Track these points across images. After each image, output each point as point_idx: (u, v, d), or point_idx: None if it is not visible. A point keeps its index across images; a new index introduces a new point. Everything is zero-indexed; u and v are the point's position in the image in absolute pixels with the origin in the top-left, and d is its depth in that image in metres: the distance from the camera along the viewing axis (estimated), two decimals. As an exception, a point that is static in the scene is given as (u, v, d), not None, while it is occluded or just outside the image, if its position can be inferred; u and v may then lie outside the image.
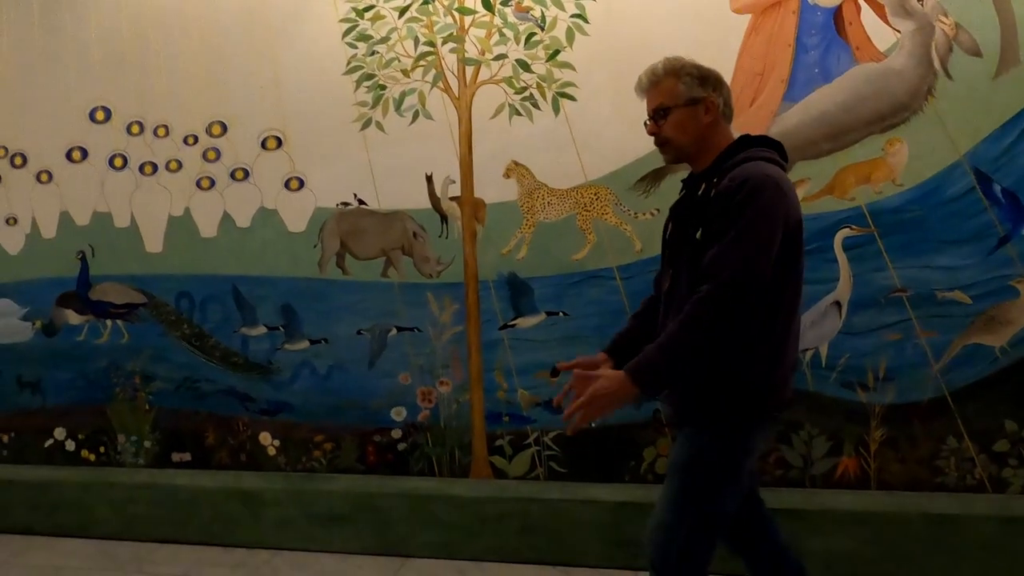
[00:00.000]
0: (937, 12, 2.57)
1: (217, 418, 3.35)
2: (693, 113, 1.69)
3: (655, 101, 1.72)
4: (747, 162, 1.63)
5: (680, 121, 1.68)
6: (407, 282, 3.11)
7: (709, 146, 1.70)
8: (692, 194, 1.72)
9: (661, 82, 1.71)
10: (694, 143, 1.70)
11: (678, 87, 1.69)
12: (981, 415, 2.60)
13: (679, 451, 1.69)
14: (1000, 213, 2.55)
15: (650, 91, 1.73)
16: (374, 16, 3.07)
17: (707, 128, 1.70)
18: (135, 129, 3.37)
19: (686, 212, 1.71)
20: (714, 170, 1.67)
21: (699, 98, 1.69)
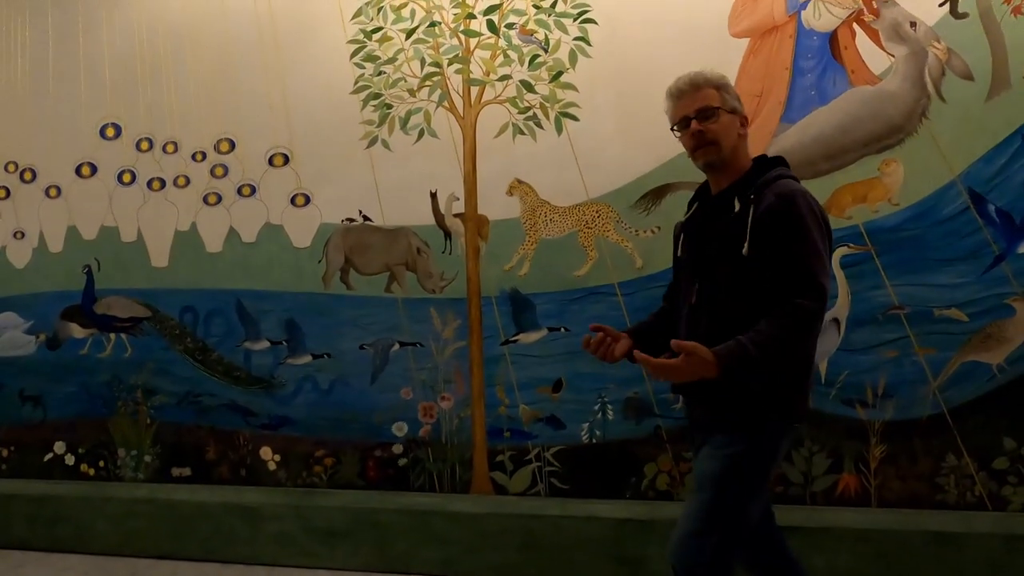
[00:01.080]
0: (930, 38, 2.65)
1: (218, 432, 3.36)
2: (734, 122, 1.75)
3: (700, 103, 1.73)
4: (780, 179, 1.70)
5: (727, 126, 1.73)
6: (410, 297, 3.14)
7: (736, 160, 1.76)
8: (721, 211, 1.73)
9: (704, 88, 1.75)
10: (731, 151, 1.74)
11: (722, 96, 1.75)
12: (980, 432, 2.62)
13: (711, 461, 1.70)
14: (995, 232, 2.60)
15: (692, 95, 1.75)
16: (382, 38, 3.14)
17: (740, 141, 1.77)
18: (144, 145, 3.43)
19: (719, 228, 1.72)
20: (746, 186, 1.71)
21: (738, 110, 1.78)
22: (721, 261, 1.69)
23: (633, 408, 2.91)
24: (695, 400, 1.80)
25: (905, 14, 2.66)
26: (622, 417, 2.92)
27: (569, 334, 2.97)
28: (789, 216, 1.63)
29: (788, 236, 1.62)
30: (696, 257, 1.78)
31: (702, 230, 1.78)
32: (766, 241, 1.63)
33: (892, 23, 2.68)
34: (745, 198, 1.68)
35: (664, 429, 2.88)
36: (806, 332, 1.62)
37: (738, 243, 1.65)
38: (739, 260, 1.65)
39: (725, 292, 1.68)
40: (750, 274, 1.64)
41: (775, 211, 1.63)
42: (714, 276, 1.70)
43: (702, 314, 1.71)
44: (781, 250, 1.62)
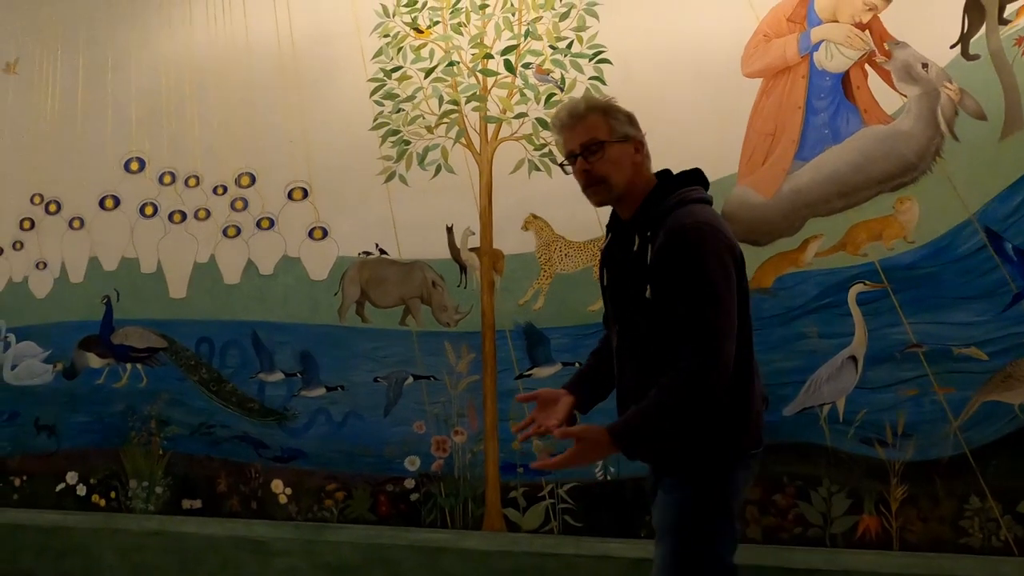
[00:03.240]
0: (942, 78, 2.68)
1: (230, 464, 3.35)
2: (626, 150, 1.63)
3: (583, 136, 1.61)
4: (677, 208, 1.58)
5: (616, 157, 1.60)
6: (425, 330, 3.15)
7: (636, 188, 1.65)
8: (625, 246, 1.65)
9: (587, 118, 1.63)
10: (628, 183, 1.63)
11: (609, 123, 1.63)
12: (1004, 474, 2.56)
13: (664, 511, 1.63)
14: (1012, 270, 2.59)
15: (574, 127, 1.64)
16: (401, 76, 3.22)
17: (637, 168, 1.65)
18: (167, 179, 3.51)
19: (626, 267, 1.64)
20: (643, 220, 1.60)
21: (630, 135, 1.65)
22: (631, 302, 1.61)
23: (648, 445, 2.87)
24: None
25: (916, 55, 2.70)
26: (637, 454, 2.88)
27: (583, 369, 2.96)
28: (679, 256, 1.51)
29: (677, 280, 1.51)
30: (612, 294, 1.70)
31: (614, 264, 1.70)
32: (662, 286, 1.52)
33: (904, 64, 2.72)
34: (643, 235, 1.57)
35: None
36: (698, 389, 1.49)
37: (642, 284, 1.56)
38: (645, 304, 1.56)
39: (643, 336, 1.60)
40: (658, 317, 1.55)
41: (666, 251, 1.52)
42: (629, 319, 1.63)
43: (626, 359, 1.65)
44: (673, 295, 1.52)
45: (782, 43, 2.84)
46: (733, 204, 2.85)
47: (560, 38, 3.05)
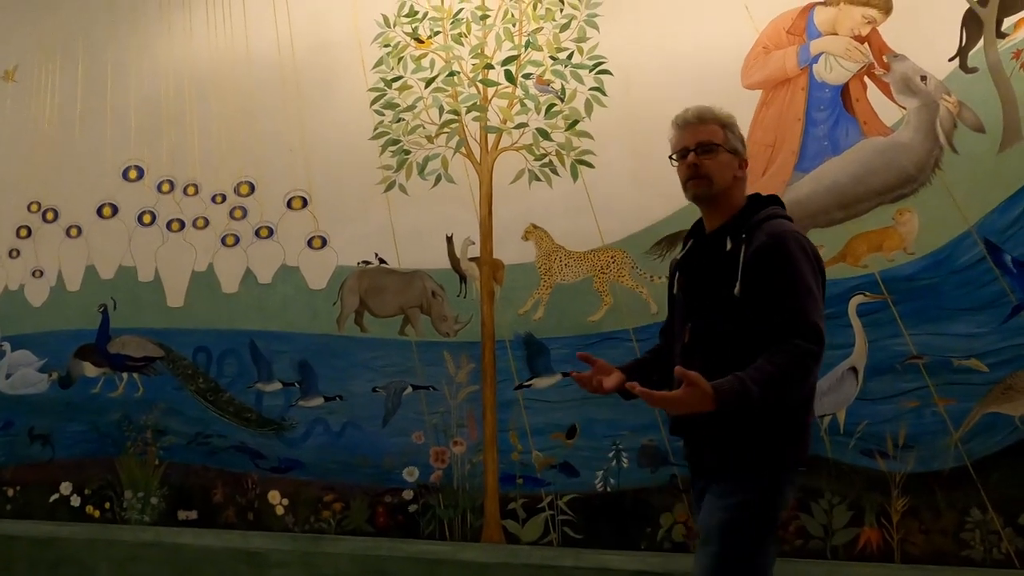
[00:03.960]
0: (940, 91, 2.69)
1: (227, 475, 3.32)
2: (732, 162, 1.76)
3: (703, 136, 1.75)
4: (772, 219, 1.70)
5: (723, 164, 1.74)
6: (424, 340, 3.14)
7: (730, 200, 1.76)
8: (714, 249, 1.74)
9: (710, 123, 1.77)
10: (725, 190, 1.75)
11: (726, 134, 1.77)
12: (1005, 486, 2.55)
13: (717, 512, 1.64)
14: (1012, 282, 2.59)
15: (697, 127, 1.78)
16: (402, 86, 3.22)
17: (736, 182, 1.77)
18: (166, 187, 3.50)
19: (712, 267, 1.73)
20: (739, 225, 1.71)
21: (739, 152, 1.79)
22: (713, 301, 1.68)
23: (648, 456, 2.87)
24: (697, 443, 1.75)
25: (915, 68, 2.71)
26: (637, 465, 2.88)
27: (583, 379, 2.95)
28: (780, 256, 1.62)
29: (780, 276, 1.61)
30: (689, 296, 1.77)
31: (695, 268, 1.78)
32: (757, 281, 1.61)
33: (903, 76, 2.73)
34: (737, 237, 1.68)
35: (680, 478, 2.82)
36: (804, 372, 1.58)
37: (730, 283, 1.64)
38: (731, 300, 1.63)
39: (717, 333, 1.66)
40: (742, 315, 1.62)
41: (766, 251, 1.63)
42: (707, 316, 1.69)
43: (695, 355, 1.69)
44: (773, 291, 1.61)
45: (782, 55, 2.86)
46: (733, 215, 2.85)
47: (561, 49, 3.06)
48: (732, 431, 1.62)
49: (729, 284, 1.64)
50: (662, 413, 2.84)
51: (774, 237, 1.64)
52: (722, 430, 1.61)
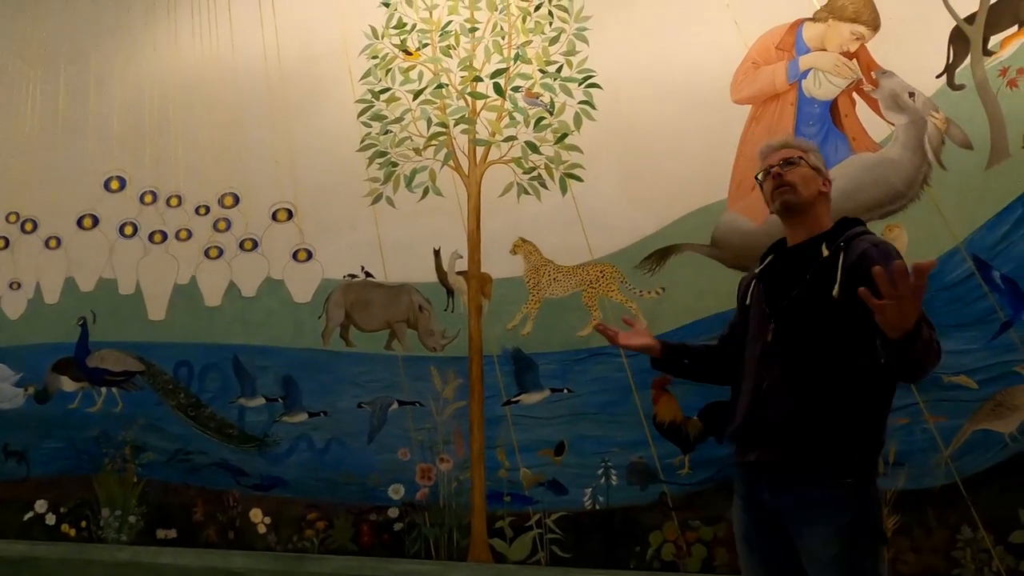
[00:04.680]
0: (928, 108, 2.70)
1: (207, 492, 3.24)
2: (816, 177, 1.84)
3: (787, 153, 1.85)
4: (867, 233, 1.79)
5: (807, 176, 1.82)
6: (411, 355, 3.09)
7: (817, 214, 1.83)
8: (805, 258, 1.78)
9: (792, 148, 1.88)
10: (808, 202, 1.81)
11: (809, 155, 1.87)
12: (995, 503, 2.54)
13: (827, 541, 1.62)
14: (1000, 299, 2.59)
15: (780, 149, 1.88)
16: (389, 98, 3.19)
17: (820, 197, 1.84)
18: (148, 198, 3.44)
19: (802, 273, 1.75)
20: (835, 236, 1.77)
21: (822, 171, 1.88)
22: (804, 303, 1.72)
23: (637, 473, 2.83)
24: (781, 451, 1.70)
25: (903, 84, 2.72)
26: (626, 482, 2.84)
27: (572, 395, 2.92)
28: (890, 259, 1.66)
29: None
30: (774, 300, 1.80)
31: (781, 277, 1.82)
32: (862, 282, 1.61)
33: (891, 93, 2.74)
34: (834, 246, 1.74)
35: (670, 496, 2.79)
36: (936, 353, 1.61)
37: (826, 287, 1.69)
38: (826, 303, 1.68)
39: (803, 333, 1.70)
40: (836, 316, 1.67)
41: (874, 254, 1.68)
42: (793, 317, 1.73)
43: (776, 354, 1.73)
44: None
45: (771, 70, 2.86)
46: (723, 230, 2.84)
47: (550, 62, 3.04)
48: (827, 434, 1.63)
49: (825, 288, 1.69)
50: (652, 429, 2.82)
51: (880, 245, 1.72)
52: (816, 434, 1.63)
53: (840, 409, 1.65)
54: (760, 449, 1.74)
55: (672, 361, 2.03)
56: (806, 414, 1.66)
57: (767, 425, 1.72)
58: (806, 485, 1.66)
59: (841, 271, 1.69)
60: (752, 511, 1.78)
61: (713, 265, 2.82)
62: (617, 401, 2.84)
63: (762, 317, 1.80)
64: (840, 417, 1.64)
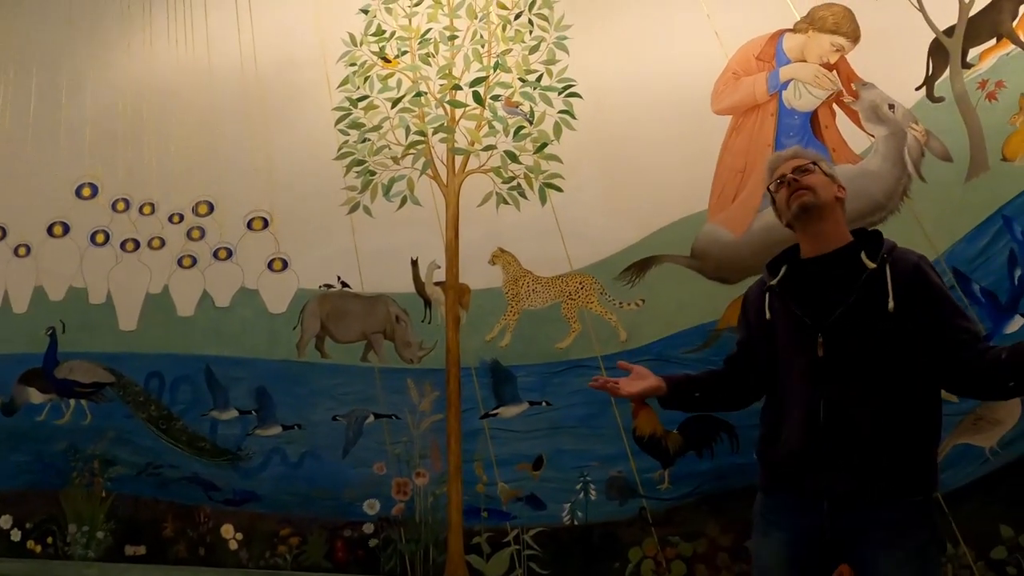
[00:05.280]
0: (908, 119, 2.69)
1: (178, 507, 3.16)
2: (831, 185, 1.83)
3: (799, 162, 1.85)
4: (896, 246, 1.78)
5: (822, 181, 1.81)
6: (387, 367, 3.04)
7: (837, 223, 1.80)
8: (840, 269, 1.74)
9: (803, 157, 1.88)
10: (828, 204, 1.79)
11: (820, 163, 1.87)
12: (976, 519, 2.52)
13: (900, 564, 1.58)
14: (981, 312, 2.57)
15: (791, 159, 1.88)
16: (367, 106, 3.15)
17: (838, 204, 1.82)
18: (120, 206, 3.37)
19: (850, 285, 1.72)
20: (874, 248, 1.75)
21: (835, 178, 1.87)
22: (857, 315, 1.68)
23: (617, 488, 2.78)
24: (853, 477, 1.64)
25: (883, 96, 2.71)
26: (605, 497, 2.79)
27: (551, 408, 2.87)
28: (936, 274, 1.75)
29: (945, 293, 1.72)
30: (817, 313, 1.74)
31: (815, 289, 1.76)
32: (921, 296, 1.67)
33: (871, 104, 2.73)
34: (878, 258, 1.72)
35: (649, 511, 2.75)
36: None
37: (878, 300, 1.67)
38: (880, 316, 1.66)
39: (858, 348, 1.67)
40: (892, 330, 1.66)
41: (924, 269, 1.71)
42: (847, 329, 1.68)
43: (830, 370, 1.68)
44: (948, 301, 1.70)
45: (751, 81, 2.84)
46: (703, 242, 2.81)
47: (530, 71, 3.01)
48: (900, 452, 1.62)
49: (875, 301, 1.68)
50: (631, 443, 2.78)
51: (925, 259, 1.75)
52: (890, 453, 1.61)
53: (908, 425, 1.63)
54: (831, 474, 1.65)
55: (682, 397, 1.96)
56: (879, 433, 1.61)
57: (837, 448, 1.64)
58: (879, 508, 1.62)
59: (892, 284, 1.67)
60: (803, 542, 1.69)
61: (693, 277, 2.79)
62: (596, 414, 2.80)
63: (801, 331, 1.74)
64: (909, 433, 1.63)
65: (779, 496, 1.75)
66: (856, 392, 1.64)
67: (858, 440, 1.62)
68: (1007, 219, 2.56)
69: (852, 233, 1.82)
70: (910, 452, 1.64)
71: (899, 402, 1.64)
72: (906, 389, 1.65)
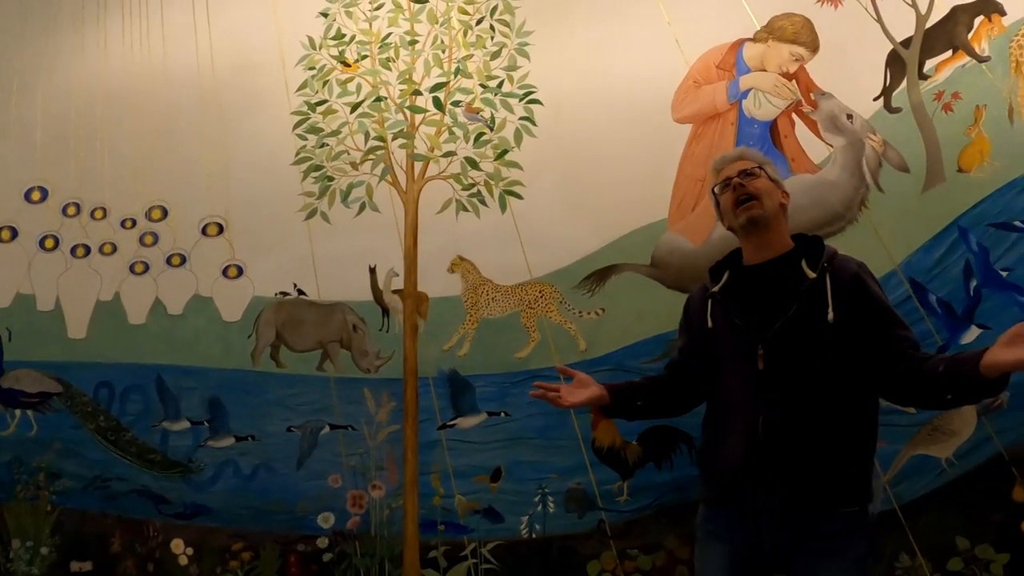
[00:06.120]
0: (866, 130, 2.69)
1: (126, 521, 3.07)
2: (776, 190, 1.78)
3: (745, 164, 1.79)
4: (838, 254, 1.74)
5: (768, 188, 1.76)
6: (343, 376, 2.98)
7: (780, 230, 1.76)
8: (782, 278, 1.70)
9: (748, 159, 1.82)
10: (774, 213, 1.75)
11: (765, 167, 1.81)
12: (933, 530, 2.51)
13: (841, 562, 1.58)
14: (937, 322, 2.57)
15: (737, 161, 1.82)
16: (326, 111, 3.10)
17: (782, 211, 1.78)
18: (71, 210, 3.28)
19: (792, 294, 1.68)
20: (815, 255, 1.71)
21: (780, 183, 1.82)
22: (797, 326, 1.65)
23: (575, 500, 2.75)
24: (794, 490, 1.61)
25: (841, 106, 2.72)
26: (564, 510, 2.75)
27: (510, 419, 2.83)
28: (876, 283, 1.71)
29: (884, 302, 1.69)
30: (757, 323, 1.70)
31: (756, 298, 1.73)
32: (861, 306, 1.64)
33: (829, 114, 2.73)
34: (817, 266, 1.68)
35: (608, 523, 2.71)
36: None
37: (818, 310, 1.64)
38: (819, 327, 1.63)
39: (799, 360, 1.64)
40: (830, 341, 1.63)
41: (863, 279, 1.67)
42: (787, 341, 1.65)
43: (771, 382, 1.65)
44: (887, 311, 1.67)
45: (711, 90, 2.83)
46: (663, 251, 2.79)
47: (491, 77, 2.99)
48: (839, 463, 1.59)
49: (814, 311, 1.64)
50: (590, 454, 2.74)
51: (864, 268, 1.70)
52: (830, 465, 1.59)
53: (846, 437, 1.62)
54: (770, 488, 1.62)
55: (624, 405, 1.89)
56: (817, 447, 1.59)
57: (775, 462, 1.61)
58: (818, 520, 1.59)
59: (832, 294, 1.64)
60: (742, 554, 1.66)
61: (653, 286, 2.78)
62: (555, 425, 2.77)
63: (742, 342, 1.71)
64: (846, 445, 1.61)
65: (720, 508, 1.72)
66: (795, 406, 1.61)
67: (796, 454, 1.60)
68: (963, 230, 2.56)
69: (793, 239, 1.78)
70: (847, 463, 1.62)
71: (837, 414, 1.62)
72: (844, 400, 1.63)
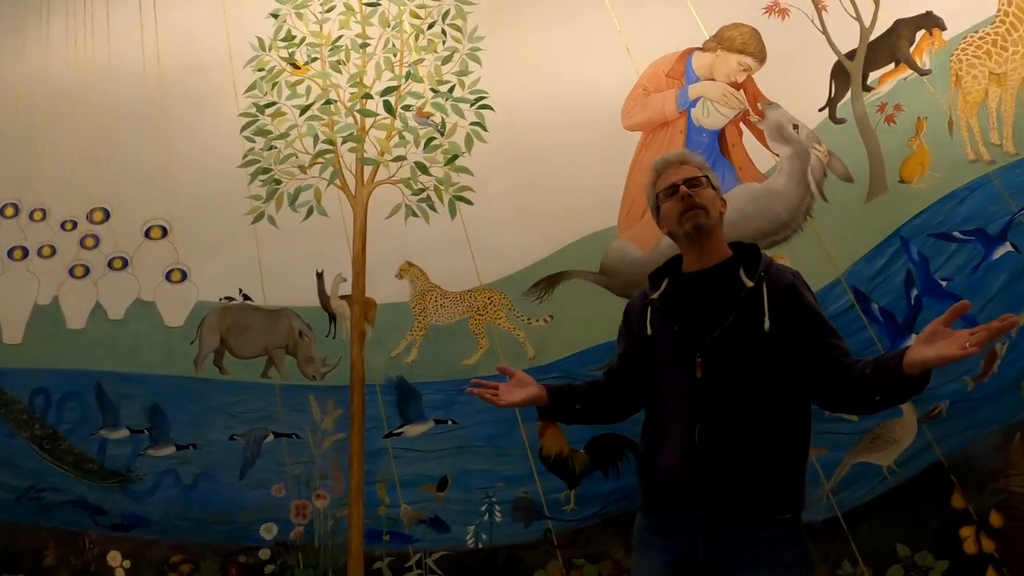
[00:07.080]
0: (812, 140, 2.72)
1: (61, 533, 2.96)
2: (717, 199, 1.78)
3: (691, 172, 1.77)
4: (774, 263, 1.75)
5: (711, 198, 1.76)
6: (288, 383, 2.92)
7: (719, 238, 1.76)
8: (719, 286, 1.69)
9: (691, 163, 1.80)
10: (716, 223, 1.75)
11: (708, 174, 1.79)
12: (874, 537, 2.53)
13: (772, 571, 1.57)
14: (879, 331, 2.60)
15: (681, 165, 1.79)
16: (275, 113, 3.05)
17: (721, 219, 1.78)
18: (9, 211, 3.18)
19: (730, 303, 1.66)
20: (752, 264, 1.71)
21: (720, 193, 1.81)
22: (734, 335, 1.64)
23: (522, 509, 2.72)
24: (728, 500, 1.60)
25: (788, 116, 2.74)
26: (510, 519, 2.72)
27: (457, 427, 2.79)
28: (809, 292, 1.72)
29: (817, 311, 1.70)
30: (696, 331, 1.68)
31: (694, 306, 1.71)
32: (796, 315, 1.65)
33: (776, 124, 2.75)
34: (755, 275, 1.68)
35: (555, 532, 2.68)
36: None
37: (755, 319, 1.64)
38: (756, 336, 1.63)
39: (736, 368, 1.63)
40: (767, 350, 1.63)
41: (798, 288, 1.68)
42: (724, 350, 1.64)
43: (708, 391, 1.64)
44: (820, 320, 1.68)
45: (661, 98, 2.84)
46: (612, 258, 2.79)
47: (442, 81, 2.96)
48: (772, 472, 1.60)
49: (751, 320, 1.64)
50: (538, 463, 2.72)
51: (797, 275, 1.71)
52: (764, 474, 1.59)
53: (780, 445, 1.62)
54: (705, 497, 1.61)
55: (562, 408, 1.87)
56: (752, 456, 1.59)
57: (711, 472, 1.60)
58: (752, 528, 1.59)
59: (768, 303, 1.64)
60: (679, 564, 1.64)
61: (602, 293, 2.77)
62: (503, 433, 2.74)
63: (681, 350, 1.69)
64: (781, 452, 1.62)
65: (657, 517, 1.71)
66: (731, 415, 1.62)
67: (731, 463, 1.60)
68: (904, 240, 2.60)
69: (731, 247, 1.79)
70: (781, 471, 1.62)
71: (772, 422, 1.62)
72: (779, 408, 1.64)
